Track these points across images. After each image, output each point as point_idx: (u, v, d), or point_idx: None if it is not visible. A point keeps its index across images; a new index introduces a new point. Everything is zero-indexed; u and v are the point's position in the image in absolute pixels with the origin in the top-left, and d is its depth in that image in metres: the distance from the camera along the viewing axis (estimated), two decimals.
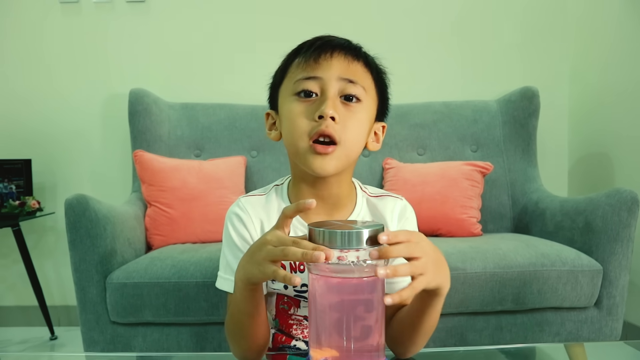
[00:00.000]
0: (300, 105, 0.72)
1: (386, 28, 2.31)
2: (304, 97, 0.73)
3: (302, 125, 0.72)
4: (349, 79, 0.73)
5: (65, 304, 2.32)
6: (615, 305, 1.51)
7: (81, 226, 1.41)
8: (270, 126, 0.82)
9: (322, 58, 0.72)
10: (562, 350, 1.45)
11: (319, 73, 0.72)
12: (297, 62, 0.75)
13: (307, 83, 0.72)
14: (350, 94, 0.73)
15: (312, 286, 0.60)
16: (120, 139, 2.24)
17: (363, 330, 0.60)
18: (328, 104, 0.70)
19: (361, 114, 0.74)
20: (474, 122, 2.11)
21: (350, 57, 0.74)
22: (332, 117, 0.70)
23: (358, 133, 0.74)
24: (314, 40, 0.75)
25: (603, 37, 2.16)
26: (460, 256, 1.47)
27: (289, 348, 0.84)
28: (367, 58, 0.78)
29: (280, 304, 0.83)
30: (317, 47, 0.73)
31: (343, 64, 0.73)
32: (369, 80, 0.77)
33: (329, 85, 0.72)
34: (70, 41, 2.26)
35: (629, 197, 1.49)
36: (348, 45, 0.75)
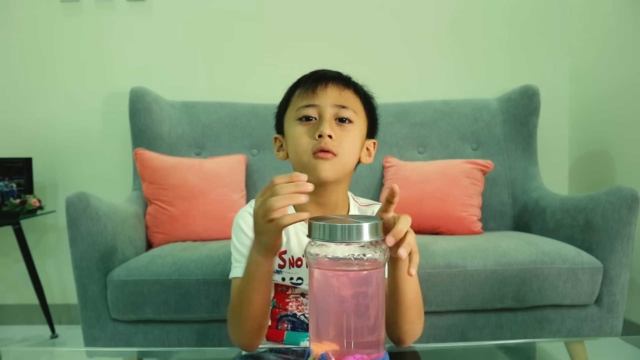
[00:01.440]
0: (302, 128, 0.86)
1: (387, 27, 2.31)
2: (305, 121, 0.87)
3: (305, 143, 0.85)
4: (341, 104, 0.87)
5: (66, 302, 2.32)
6: (615, 302, 1.51)
7: (82, 224, 1.42)
8: (278, 148, 0.96)
9: (318, 89, 0.86)
10: (562, 347, 1.45)
11: (316, 101, 0.86)
12: (298, 92, 0.89)
13: (307, 110, 0.86)
14: (343, 117, 0.87)
15: (311, 280, 0.60)
16: (120, 137, 2.24)
17: (363, 324, 0.60)
18: (325, 125, 0.84)
19: (353, 132, 0.88)
20: (475, 120, 2.11)
21: (342, 86, 0.88)
22: (330, 136, 0.83)
23: (352, 147, 0.88)
24: (311, 74, 0.90)
25: (603, 35, 2.16)
26: (460, 254, 1.48)
27: (286, 316, 0.91)
28: (356, 86, 0.91)
29: (279, 287, 0.92)
30: (314, 79, 0.87)
31: (336, 93, 0.87)
32: (359, 104, 0.90)
33: (325, 110, 0.86)
34: (71, 40, 2.27)
35: (630, 194, 1.49)
36: (340, 76, 0.90)
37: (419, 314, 0.82)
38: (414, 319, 0.81)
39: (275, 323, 0.92)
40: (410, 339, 0.83)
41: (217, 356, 1.02)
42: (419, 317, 0.83)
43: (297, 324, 0.90)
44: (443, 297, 1.45)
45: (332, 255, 0.57)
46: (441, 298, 1.45)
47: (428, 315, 1.48)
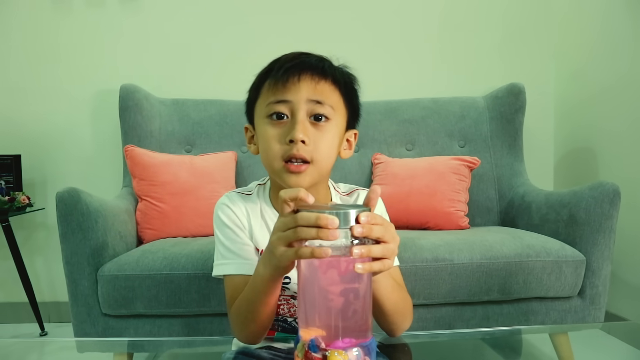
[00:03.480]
0: (272, 129, 0.77)
1: (376, 26, 2.34)
2: (276, 120, 0.77)
3: (275, 148, 0.77)
4: (316, 100, 0.76)
5: (56, 300, 2.32)
6: (598, 294, 1.55)
7: (72, 219, 1.42)
8: (250, 139, 0.87)
9: (290, 82, 0.76)
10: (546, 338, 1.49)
11: (288, 96, 0.76)
12: (268, 83, 0.78)
13: (278, 106, 0.77)
14: (319, 114, 0.77)
15: (299, 267, 0.62)
16: (110, 134, 2.24)
17: (350, 310, 0.61)
18: (298, 128, 0.75)
19: (330, 132, 0.79)
20: (462, 118, 2.14)
21: (318, 77, 0.77)
22: (303, 141, 0.75)
23: (329, 150, 0.79)
24: (284, 61, 0.78)
25: (588, 35, 2.21)
26: (447, 248, 1.50)
27: (277, 320, 0.89)
28: (335, 74, 0.80)
29: None
30: (286, 69, 0.76)
31: (310, 86, 0.76)
32: (337, 96, 0.80)
33: (298, 107, 0.76)
34: (61, 37, 2.26)
35: (611, 189, 1.53)
36: (315, 64, 0.78)
37: (403, 317, 0.81)
38: (397, 322, 0.80)
39: None
40: (397, 332, 0.83)
41: (207, 346, 1.04)
42: (403, 318, 0.81)
43: (287, 330, 0.89)
44: (430, 290, 1.47)
45: (319, 243, 0.58)
46: (429, 291, 1.48)
47: (416, 308, 1.51)
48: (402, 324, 0.82)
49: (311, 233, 0.55)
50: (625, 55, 1.95)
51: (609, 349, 1.50)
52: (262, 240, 0.86)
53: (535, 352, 1.59)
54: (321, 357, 0.59)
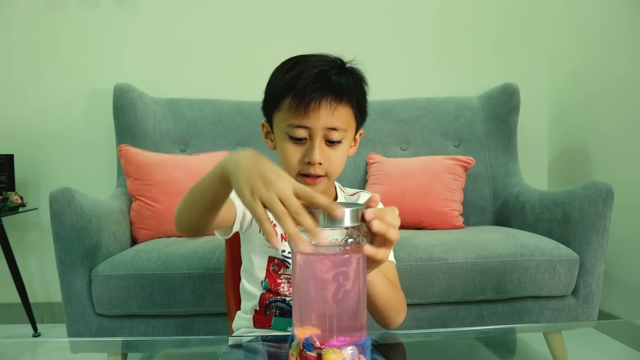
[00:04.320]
0: (292, 147, 0.86)
1: (370, 26, 2.34)
2: (296, 141, 0.86)
3: (293, 164, 0.86)
4: (332, 127, 0.84)
5: (49, 300, 2.30)
6: (591, 293, 1.56)
7: (66, 219, 1.41)
8: (266, 134, 0.94)
9: (311, 109, 0.83)
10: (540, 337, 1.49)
11: (307, 123, 0.83)
12: (290, 103, 0.84)
13: (298, 131, 0.84)
14: (333, 140, 0.86)
15: (295, 264, 0.62)
16: (104, 134, 2.23)
17: (345, 308, 0.61)
18: (315, 151, 0.84)
19: (343, 149, 0.88)
20: (457, 117, 2.15)
21: (335, 103, 0.84)
22: (320, 163, 0.84)
23: (341, 162, 0.89)
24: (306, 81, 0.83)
25: (581, 36, 2.22)
26: (442, 247, 1.51)
27: (275, 301, 0.91)
28: (350, 93, 0.86)
29: (272, 266, 0.92)
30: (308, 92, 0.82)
31: (328, 114, 0.84)
32: (350, 116, 0.88)
33: (316, 134, 0.84)
34: (55, 36, 2.25)
35: (604, 189, 1.54)
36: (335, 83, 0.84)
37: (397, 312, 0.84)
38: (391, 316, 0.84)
39: (264, 309, 0.92)
40: (392, 326, 0.86)
41: (202, 345, 1.03)
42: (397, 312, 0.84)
43: (285, 310, 0.91)
44: (425, 289, 1.48)
45: (314, 240, 0.58)
46: (423, 290, 1.48)
47: (411, 308, 1.52)
48: (396, 318, 0.85)
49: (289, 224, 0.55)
50: (620, 56, 1.96)
51: (603, 348, 1.51)
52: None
53: (529, 351, 1.60)
54: (316, 356, 0.58)
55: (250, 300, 0.94)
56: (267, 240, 0.57)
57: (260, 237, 0.92)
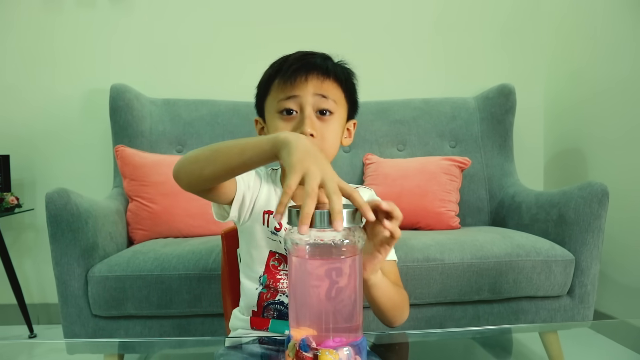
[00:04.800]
0: (283, 123, 0.86)
1: (369, 26, 2.34)
2: (286, 115, 0.86)
3: None
4: (322, 94, 0.86)
5: (45, 301, 2.30)
6: (586, 293, 1.57)
7: (62, 220, 1.41)
8: (260, 131, 0.95)
9: (298, 80, 0.85)
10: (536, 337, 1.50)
11: (296, 92, 0.85)
12: (278, 82, 0.87)
13: (288, 102, 0.86)
14: (324, 109, 0.86)
15: (291, 265, 0.62)
16: (101, 134, 2.22)
17: (341, 309, 0.62)
18: (307, 122, 0.84)
19: (334, 124, 0.88)
20: (453, 118, 2.15)
21: (322, 76, 0.86)
22: (312, 134, 0.83)
23: (333, 140, 0.89)
24: (292, 62, 0.87)
25: (577, 37, 2.23)
26: (438, 247, 1.51)
27: (274, 303, 0.90)
28: (337, 72, 0.89)
29: (272, 261, 0.91)
30: (294, 70, 0.85)
31: (316, 84, 0.86)
32: (339, 92, 0.89)
33: (305, 102, 0.85)
34: (51, 36, 2.24)
35: (600, 189, 1.55)
36: (320, 64, 0.87)
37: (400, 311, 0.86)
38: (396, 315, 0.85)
39: (262, 310, 0.91)
40: (396, 324, 0.88)
41: (199, 346, 1.03)
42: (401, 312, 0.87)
43: (283, 313, 0.90)
44: (422, 289, 1.48)
45: (310, 242, 0.59)
46: (420, 291, 1.48)
47: None
48: (400, 317, 0.87)
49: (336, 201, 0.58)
50: (617, 58, 1.97)
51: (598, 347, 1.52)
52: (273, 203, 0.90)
53: (525, 351, 1.60)
54: (312, 357, 0.59)
55: (247, 299, 0.92)
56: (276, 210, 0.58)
57: (263, 229, 0.90)
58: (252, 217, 0.90)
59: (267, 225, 0.90)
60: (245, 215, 0.90)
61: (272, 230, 0.89)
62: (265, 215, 0.90)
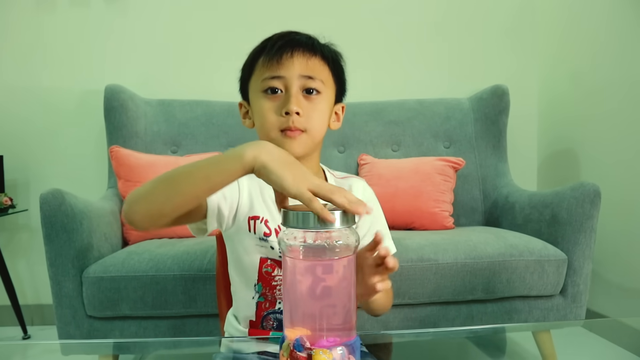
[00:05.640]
0: (268, 102, 0.83)
1: (363, 28, 2.35)
2: (271, 94, 0.83)
3: (272, 120, 0.82)
4: (308, 75, 0.83)
5: (39, 302, 2.29)
6: (579, 293, 1.58)
7: (57, 220, 1.41)
8: (244, 114, 0.92)
9: (284, 58, 0.82)
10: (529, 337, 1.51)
11: (282, 72, 0.82)
12: (262, 61, 0.84)
13: (273, 82, 0.83)
14: (311, 88, 0.83)
15: (285, 268, 0.62)
16: (95, 135, 2.22)
17: (335, 310, 0.62)
18: (292, 100, 0.81)
19: (321, 104, 0.85)
20: (447, 119, 2.16)
21: (309, 54, 0.84)
22: (297, 112, 0.81)
23: (320, 120, 0.85)
24: (276, 39, 0.84)
25: (571, 38, 2.25)
26: (432, 247, 1.52)
27: (274, 313, 0.87)
28: (324, 51, 0.87)
29: (264, 268, 0.87)
30: (279, 47, 0.82)
31: (302, 62, 0.83)
32: (326, 72, 0.87)
33: (291, 83, 0.82)
34: (45, 36, 2.23)
35: (592, 190, 1.56)
36: (306, 42, 0.85)
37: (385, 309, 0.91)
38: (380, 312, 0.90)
39: (260, 320, 0.88)
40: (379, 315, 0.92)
41: (194, 347, 1.04)
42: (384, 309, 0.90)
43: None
44: (416, 289, 1.49)
45: (305, 243, 0.59)
46: (414, 291, 1.49)
47: (401, 308, 1.53)
48: (383, 311, 0.90)
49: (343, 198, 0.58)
50: (609, 59, 1.99)
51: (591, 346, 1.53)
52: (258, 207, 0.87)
53: (519, 350, 1.62)
54: (306, 356, 0.59)
55: (244, 309, 0.89)
56: (320, 216, 0.56)
57: (251, 236, 0.86)
58: (235, 225, 0.87)
59: (254, 232, 0.86)
60: (227, 223, 0.86)
61: (260, 237, 0.86)
62: (251, 221, 0.86)
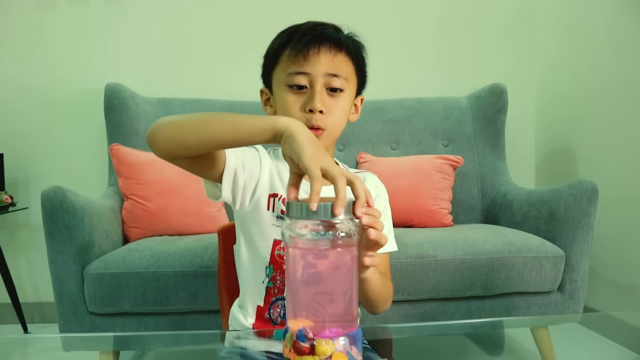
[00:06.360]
0: (292, 97, 0.85)
1: (362, 27, 2.35)
2: (297, 90, 0.85)
3: (296, 115, 0.83)
4: (333, 73, 0.84)
5: (39, 300, 2.29)
6: (577, 289, 1.59)
7: (58, 217, 1.42)
8: (265, 102, 0.94)
9: (311, 54, 0.83)
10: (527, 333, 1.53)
11: (307, 69, 0.84)
12: (289, 53, 0.85)
13: (298, 78, 0.84)
14: (335, 87, 0.85)
15: (288, 259, 0.63)
16: (95, 133, 2.23)
17: (337, 301, 0.63)
18: (317, 98, 0.83)
19: (344, 101, 0.87)
20: (446, 117, 2.17)
21: (335, 50, 0.85)
22: (321, 111, 0.83)
23: (341, 118, 0.88)
24: (303, 33, 0.85)
25: (568, 38, 2.26)
26: (431, 244, 1.53)
27: (282, 299, 0.89)
28: (349, 45, 0.88)
29: (277, 251, 0.88)
30: (306, 42, 0.84)
31: (328, 59, 0.84)
32: (350, 67, 0.89)
33: (316, 80, 0.84)
34: (45, 35, 2.24)
35: (589, 187, 1.57)
36: (332, 36, 0.86)
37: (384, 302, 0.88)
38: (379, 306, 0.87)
39: (268, 307, 0.88)
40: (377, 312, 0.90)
41: (195, 344, 1.04)
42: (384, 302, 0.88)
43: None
44: (415, 286, 1.50)
45: (307, 233, 0.60)
46: (413, 287, 1.50)
47: (401, 304, 1.54)
48: (383, 307, 0.88)
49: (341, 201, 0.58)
50: (607, 58, 2.00)
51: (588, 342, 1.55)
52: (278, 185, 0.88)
53: (517, 347, 1.63)
54: (309, 347, 0.60)
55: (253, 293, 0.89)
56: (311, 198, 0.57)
57: (269, 216, 0.86)
58: (253, 203, 0.86)
59: (273, 210, 0.86)
60: (243, 200, 0.86)
61: (278, 215, 0.86)
62: (271, 199, 0.87)
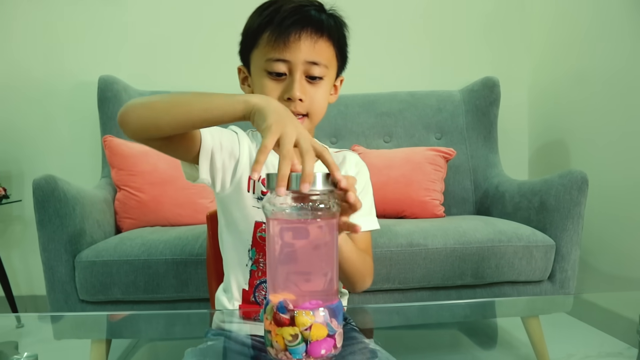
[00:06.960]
0: (271, 84, 0.83)
1: (353, 20, 2.36)
2: (275, 77, 0.83)
3: None
4: (313, 61, 0.83)
5: (32, 293, 2.30)
6: (567, 278, 1.60)
7: (50, 205, 1.42)
8: (243, 80, 0.92)
9: (291, 40, 0.80)
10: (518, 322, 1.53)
11: (287, 56, 0.81)
12: (268, 37, 0.82)
13: (277, 65, 0.82)
14: (314, 75, 0.84)
15: (268, 232, 0.64)
16: (89, 126, 2.23)
17: (317, 273, 0.64)
18: (296, 87, 0.81)
19: (324, 88, 0.86)
20: (439, 111, 2.18)
21: (316, 36, 0.83)
22: (300, 99, 0.82)
23: (322, 103, 0.87)
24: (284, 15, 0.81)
25: (560, 30, 2.27)
26: (422, 233, 1.54)
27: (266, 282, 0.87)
28: (331, 29, 0.86)
29: (258, 232, 0.87)
30: (287, 26, 0.81)
31: (309, 46, 0.82)
32: (331, 52, 0.86)
33: (296, 68, 0.82)
34: (38, 28, 2.24)
35: (579, 177, 1.58)
36: (314, 18, 0.83)
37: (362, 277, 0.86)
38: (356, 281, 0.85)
39: (253, 290, 0.88)
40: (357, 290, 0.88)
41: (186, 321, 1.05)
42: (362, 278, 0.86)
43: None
44: (406, 274, 1.51)
45: (285, 205, 0.60)
46: (404, 275, 1.51)
47: (391, 293, 1.54)
48: (361, 283, 0.87)
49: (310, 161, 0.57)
50: (599, 50, 2.01)
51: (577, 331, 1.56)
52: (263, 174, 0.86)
53: (509, 339, 1.64)
54: (289, 318, 0.61)
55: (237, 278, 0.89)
56: (252, 168, 0.56)
57: (249, 197, 0.86)
58: (234, 183, 0.86)
59: (253, 192, 0.86)
60: (224, 181, 0.85)
61: (258, 197, 0.86)
62: (251, 180, 0.86)
